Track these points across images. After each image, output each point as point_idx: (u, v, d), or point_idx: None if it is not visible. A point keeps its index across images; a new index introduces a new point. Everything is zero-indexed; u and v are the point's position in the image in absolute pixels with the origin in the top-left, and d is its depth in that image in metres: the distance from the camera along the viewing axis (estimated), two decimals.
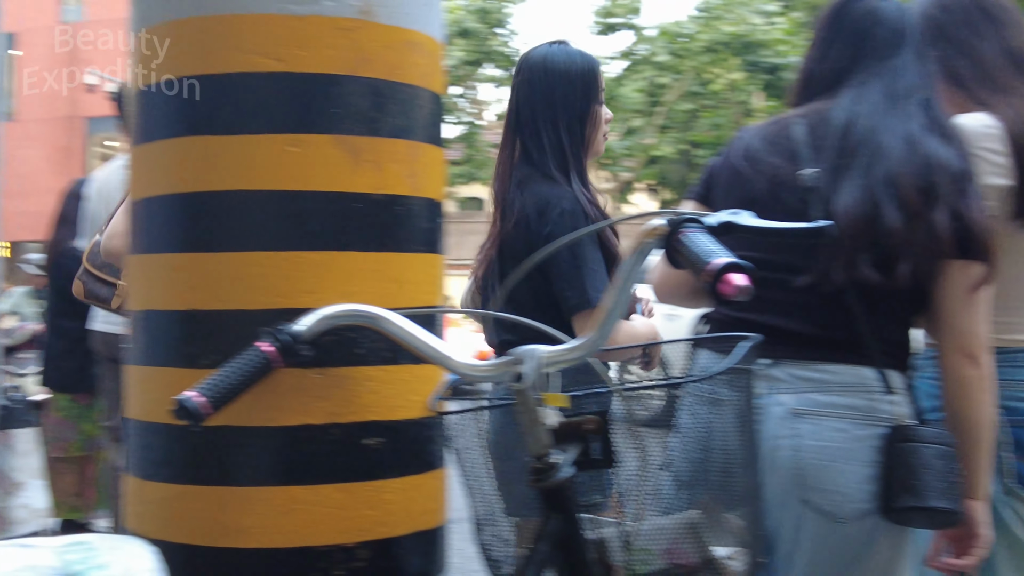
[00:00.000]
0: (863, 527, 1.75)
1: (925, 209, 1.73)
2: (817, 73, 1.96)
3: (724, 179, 1.93)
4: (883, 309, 1.80)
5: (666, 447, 1.57)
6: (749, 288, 1.22)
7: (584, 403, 1.47)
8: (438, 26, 1.79)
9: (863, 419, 1.76)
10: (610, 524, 1.51)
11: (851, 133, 1.80)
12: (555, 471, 1.41)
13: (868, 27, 1.91)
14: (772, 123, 1.93)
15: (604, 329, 1.41)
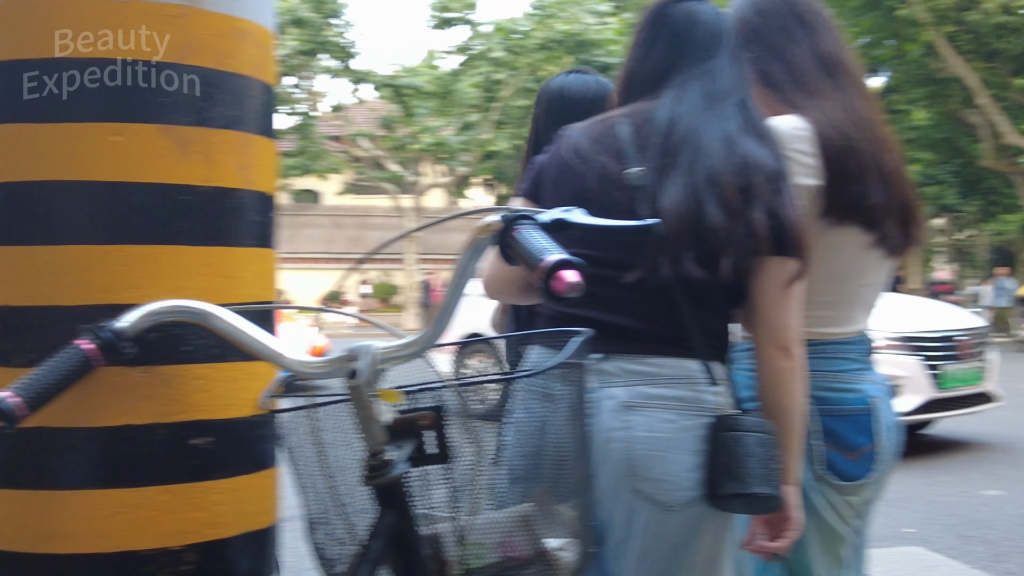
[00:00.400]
0: (690, 514, 1.80)
1: (744, 207, 1.78)
2: (639, 73, 1.99)
3: (552, 176, 1.94)
4: (707, 304, 1.85)
5: (498, 441, 1.58)
6: (581, 284, 1.24)
7: (419, 399, 1.47)
8: (270, 15, 1.75)
9: (690, 410, 1.81)
10: (444, 519, 1.51)
11: (673, 133, 1.84)
12: (390, 468, 1.41)
13: (686, 29, 1.96)
14: (598, 122, 1.96)
15: (439, 324, 1.41)
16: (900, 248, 2.12)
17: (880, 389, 2.14)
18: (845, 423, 2.07)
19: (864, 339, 2.15)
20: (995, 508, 6.18)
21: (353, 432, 1.47)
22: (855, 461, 2.07)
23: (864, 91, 2.14)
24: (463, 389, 1.51)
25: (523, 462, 1.56)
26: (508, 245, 1.33)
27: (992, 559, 5.04)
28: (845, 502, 2.08)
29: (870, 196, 2.02)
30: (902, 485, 6.70)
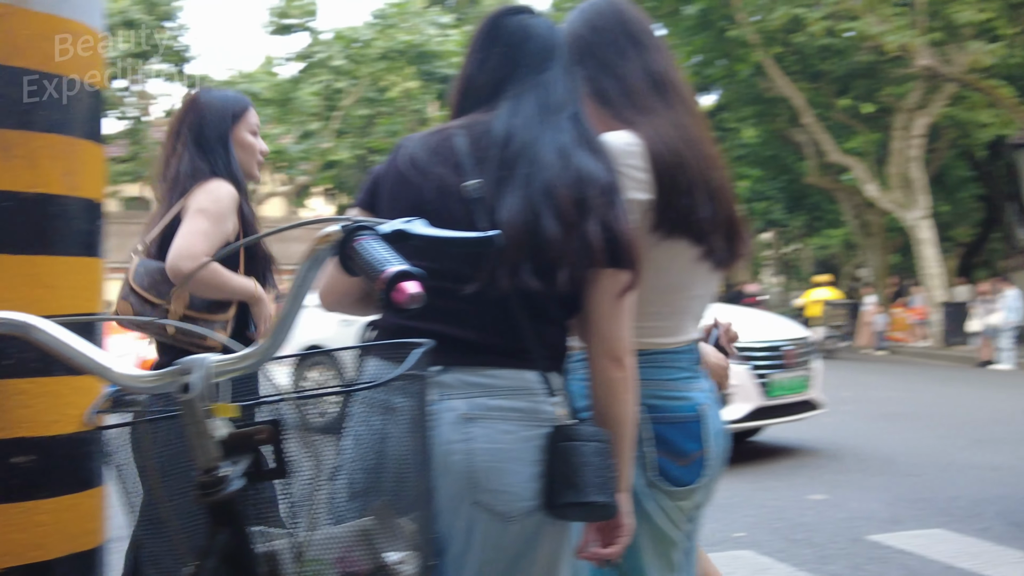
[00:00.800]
0: (529, 524, 1.81)
1: (579, 220, 1.82)
2: (475, 84, 2.01)
3: (389, 187, 1.94)
4: (544, 315, 1.88)
5: (340, 455, 1.56)
6: (421, 296, 1.23)
7: (256, 413, 1.44)
8: (99, 16, 1.69)
9: (529, 421, 1.83)
10: (281, 536, 1.48)
11: (510, 145, 1.87)
12: (223, 484, 1.37)
13: (520, 42, 1.99)
14: (434, 133, 1.96)
15: (277, 337, 1.38)
16: (726, 261, 2.19)
17: (708, 397, 2.20)
18: (676, 430, 2.12)
19: (693, 348, 2.21)
20: (821, 512, 6.41)
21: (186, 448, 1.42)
22: (686, 467, 2.12)
23: (692, 109, 2.21)
24: (302, 402, 1.49)
25: (363, 476, 1.55)
26: (348, 256, 1.31)
27: (818, 561, 5.23)
28: (676, 507, 2.13)
29: (698, 211, 2.08)
30: (732, 491, 6.90)
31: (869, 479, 7.54)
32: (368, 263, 1.28)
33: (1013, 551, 5.38)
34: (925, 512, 6.40)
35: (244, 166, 3.12)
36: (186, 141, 3.02)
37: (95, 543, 1.65)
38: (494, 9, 2.09)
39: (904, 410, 12.21)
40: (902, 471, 7.88)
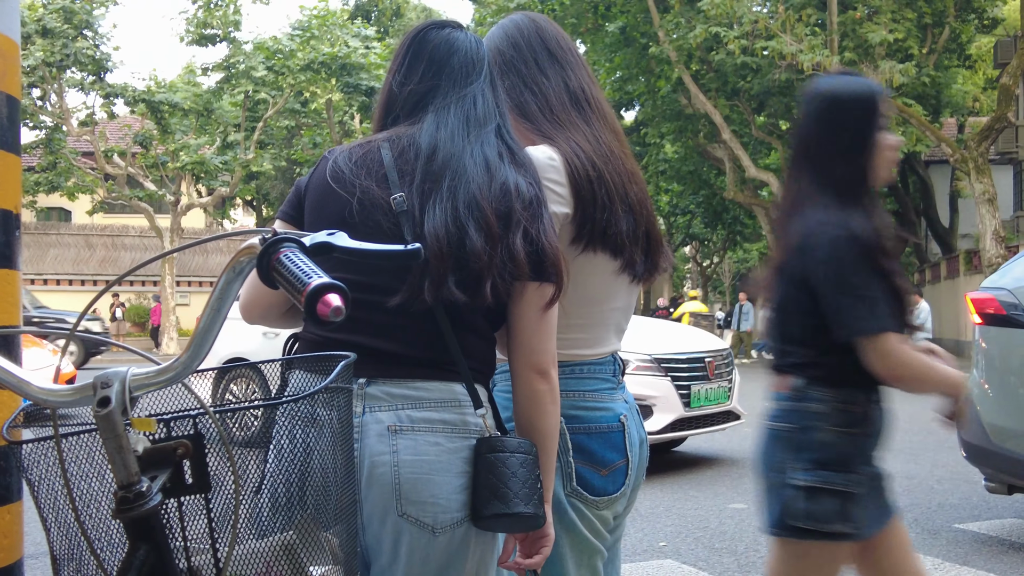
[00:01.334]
0: (456, 536, 1.81)
1: (503, 233, 1.83)
2: (400, 97, 2.01)
3: (314, 199, 1.93)
4: (470, 327, 1.88)
5: (263, 468, 1.54)
6: (343, 310, 1.23)
7: (176, 427, 1.42)
8: (14, 24, 1.65)
9: (455, 432, 1.83)
10: (203, 552, 1.46)
11: (435, 158, 1.87)
12: (142, 500, 1.34)
13: (445, 56, 2.00)
14: (360, 145, 1.96)
15: (197, 350, 1.36)
16: (645, 274, 2.22)
17: (629, 407, 2.22)
18: (598, 440, 2.13)
19: (615, 360, 2.23)
20: (741, 521, 6.50)
21: (104, 463, 1.40)
22: (607, 477, 2.14)
23: (611, 125, 2.23)
24: (223, 416, 1.47)
25: (286, 489, 1.53)
26: (271, 268, 1.30)
27: (739, 570, 5.30)
28: (598, 516, 2.14)
29: (616, 224, 2.10)
30: (655, 500, 6.96)
31: None
32: (290, 276, 1.27)
33: (928, 558, 5.49)
34: None
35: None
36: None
37: (11, 559, 1.60)
38: (419, 23, 2.10)
39: None
40: None
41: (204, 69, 33.01)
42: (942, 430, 3.14)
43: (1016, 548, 5.73)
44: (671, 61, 26.28)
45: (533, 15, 2.29)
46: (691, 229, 43.71)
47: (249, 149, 30.57)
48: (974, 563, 5.37)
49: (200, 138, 31.44)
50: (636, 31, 28.08)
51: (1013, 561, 5.41)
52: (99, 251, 38.83)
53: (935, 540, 5.92)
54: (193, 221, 37.44)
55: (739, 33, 22.87)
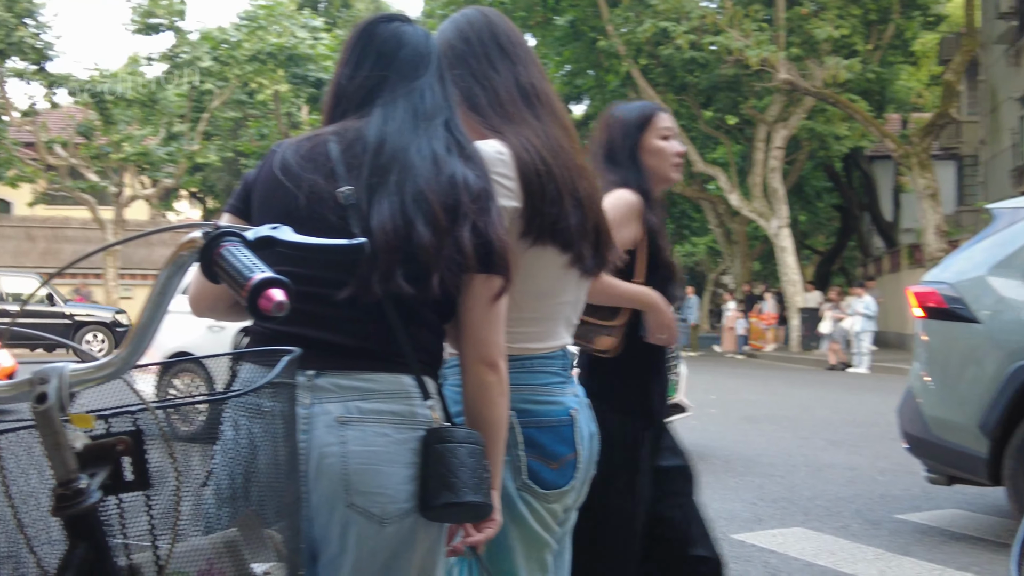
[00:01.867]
0: (405, 526, 1.81)
1: (451, 226, 1.83)
2: (348, 90, 2.00)
3: (261, 193, 1.92)
4: (418, 319, 1.88)
5: (207, 464, 1.52)
6: (287, 304, 1.22)
7: (116, 423, 1.40)
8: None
9: (404, 423, 1.82)
10: (143, 549, 1.44)
11: (383, 151, 1.87)
12: (81, 497, 1.32)
13: (394, 49, 1.99)
14: (308, 139, 1.95)
15: (137, 345, 1.35)
16: (595, 268, 2.23)
17: (579, 401, 2.23)
18: (548, 434, 2.15)
19: (565, 354, 2.24)
20: None
21: (42, 460, 1.38)
22: (557, 470, 2.15)
23: (561, 120, 2.24)
24: (164, 411, 1.45)
25: (229, 485, 1.52)
26: (213, 262, 1.29)
27: None
28: (548, 509, 2.15)
29: (565, 218, 2.11)
30: None
31: (732, 480, 7.74)
32: (233, 270, 1.25)
33: (869, 548, 5.58)
34: (786, 511, 6.60)
35: (658, 172, 3.15)
36: (599, 160, 3.13)
37: None
38: (368, 16, 2.09)
39: (765, 413, 12.57)
40: (764, 472, 8.11)
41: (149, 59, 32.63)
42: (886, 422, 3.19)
43: (956, 538, 5.84)
44: (620, 55, 26.40)
45: (485, 10, 2.29)
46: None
47: (194, 140, 30.28)
48: (915, 553, 5.47)
49: (144, 129, 31.05)
50: (585, 25, 28.17)
51: (953, 551, 5.51)
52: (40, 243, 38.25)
53: (877, 531, 6.02)
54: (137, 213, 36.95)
55: (687, 28, 23.05)
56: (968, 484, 5.99)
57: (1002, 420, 5.48)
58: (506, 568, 2.13)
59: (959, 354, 5.84)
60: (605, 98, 30.18)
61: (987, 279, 5.74)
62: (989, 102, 31.19)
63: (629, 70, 26.66)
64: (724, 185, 27.58)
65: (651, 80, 27.39)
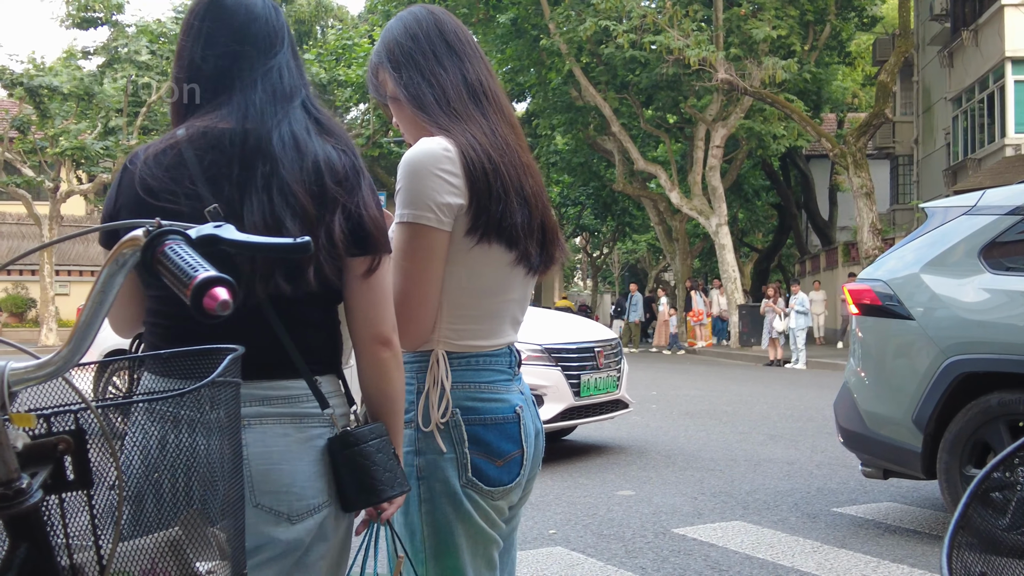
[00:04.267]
0: (315, 520, 1.82)
1: (321, 215, 1.82)
2: (203, 71, 1.91)
3: (132, 212, 1.80)
4: (303, 321, 1.87)
5: (148, 464, 1.51)
6: (231, 303, 1.21)
7: (57, 422, 1.38)
8: None
9: (303, 424, 1.84)
10: (86, 549, 1.43)
11: (246, 146, 1.82)
12: (22, 497, 1.31)
13: (245, 23, 1.92)
14: (165, 150, 1.84)
15: (79, 344, 1.33)
16: (541, 266, 2.24)
17: (525, 399, 2.24)
18: (493, 431, 2.15)
19: (510, 351, 2.25)
20: (628, 507, 6.60)
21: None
22: (503, 467, 2.16)
23: (508, 118, 2.24)
24: (106, 410, 1.43)
25: (171, 485, 1.50)
26: (155, 260, 1.27)
27: (627, 555, 5.38)
28: (494, 507, 2.16)
29: (512, 216, 2.12)
30: (545, 489, 7.02)
31: (674, 474, 7.80)
32: (176, 268, 1.24)
33: (807, 541, 5.66)
34: (726, 505, 6.66)
35: None
36: None
37: None
38: None
39: (706, 408, 12.69)
40: (704, 466, 8.18)
41: (85, 53, 32.16)
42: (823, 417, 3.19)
43: (892, 531, 5.94)
44: (562, 53, 26.48)
45: (432, 7, 2.28)
46: (581, 220, 44.14)
47: (132, 135, 29.81)
48: (852, 546, 5.55)
49: (81, 123, 30.60)
50: (527, 23, 28.21)
51: (889, 544, 5.61)
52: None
53: (814, 524, 6.10)
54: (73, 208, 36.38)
55: (628, 27, 23.19)
56: (903, 478, 6.08)
57: (935, 415, 5.58)
58: (452, 565, 2.14)
59: (893, 350, 5.94)
60: (547, 96, 30.29)
61: (920, 276, 5.83)
62: (923, 103, 31.77)
63: (571, 68, 26.75)
64: (665, 183, 27.78)
65: (592, 79, 27.51)
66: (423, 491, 2.12)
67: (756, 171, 36.15)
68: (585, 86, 26.93)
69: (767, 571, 5.05)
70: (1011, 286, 5.50)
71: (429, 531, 2.13)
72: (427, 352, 2.14)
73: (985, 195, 5.91)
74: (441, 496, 2.12)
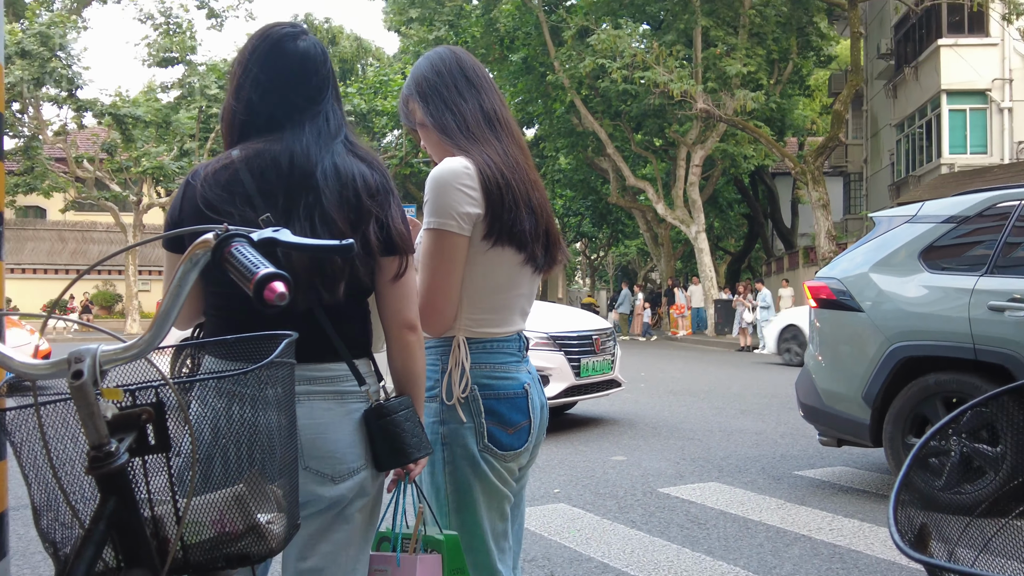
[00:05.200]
0: (356, 481, 1.84)
1: (356, 226, 1.82)
2: (259, 110, 1.89)
3: (192, 223, 1.79)
4: (344, 316, 1.87)
5: (216, 432, 1.52)
6: (287, 295, 1.22)
7: (140, 396, 1.39)
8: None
9: (344, 400, 1.84)
10: (164, 503, 1.44)
11: (293, 176, 1.82)
12: (111, 459, 1.32)
13: (300, 75, 1.90)
14: (221, 169, 1.84)
15: (158, 330, 1.34)
16: (545, 266, 2.25)
17: (532, 377, 2.25)
18: (505, 404, 2.15)
19: (520, 338, 2.25)
20: (621, 470, 6.58)
21: (77, 427, 1.37)
22: (513, 435, 2.16)
23: (518, 141, 2.24)
24: (182, 386, 1.44)
25: (236, 449, 1.51)
26: (223, 259, 1.28)
27: (619, 511, 5.37)
28: (506, 468, 2.17)
29: (521, 223, 2.12)
30: (550, 455, 7.01)
31: (659, 443, 7.77)
32: (241, 266, 1.25)
33: (772, 499, 5.64)
34: (703, 469, 6.64)
35: None
36: None
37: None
38: (274, 30, 1.93)
39: (686, 387, 12.65)
40: (685, 436, 8.15)
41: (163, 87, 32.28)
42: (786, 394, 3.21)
43: (844, 490, 5.92)
44: (565, 87, 26.45)
45: (454, 48, 2.29)
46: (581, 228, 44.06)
47: (203, 156, 29.94)
48: (810, 503, 5.53)
49: (159, 146, 30.77)
50: (535, 61, 28.17)
51: (842, 501, 5.59)
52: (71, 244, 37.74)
53: (779, 485, 6.09)
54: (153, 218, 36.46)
55: (621, 65, 23.09)
56: (854, 445, 6.06)
57: (882, 392, 5.57)
58: (472, 517, 2.15)
59: (846, 337, 5.92)
60: (552, 123, 30.25)
61: (869, 275, 5.81)
62: (871, 128, 31.63)
63: (572, 99, 26.70)
64: (652, 196, 27.69)
65: (591, 108, 27.45)
66: (447, 455, 2.13)
67: (729, 186, 36.00)
68: (584, 114, 26.87)
69: (738, 524, 5.04)
70: (946, 283, 5.48)
71: (452, 489, 2.14)
72: (450, 338, 2.14)
73: (924, 206, 5.89)
74: (462, 459, 2.13)
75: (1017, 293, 5.17)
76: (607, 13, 26.19)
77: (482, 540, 2.16)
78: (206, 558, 1.46)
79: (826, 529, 4.91)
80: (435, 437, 2.13)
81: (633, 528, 4.97)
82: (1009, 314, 5.15)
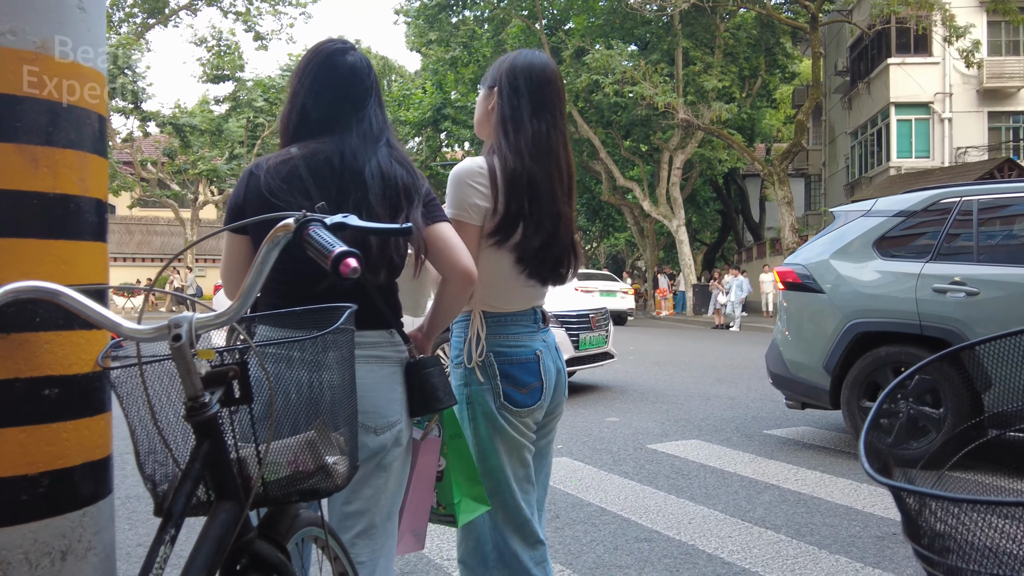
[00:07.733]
0: (393, 432, 1.86)
1: (396, 218, 1.83)
2: (312, 116, 1.90)
3: (254, 213, 1.78)
4: (387, 289, 1.90)
5: (291, 387, 1.55)
6: (359, 269, 1.25)
7: (228, 356, 1.43)
8: (102, 62, 1.63)
9: (386, 362, 1.86)
10: (248, 445, 1.47)
11: (343, 174, 1.83)
12: (205, 409, 1.36)
13: (348, 84, 1.91)
14: (282, 162, 1.84)
15: (244, 301, 1.37)
16: (550, 282, 2.24)
17: (547, 345, 2.25)
18: (518, 368, 2.16)
19: (535, 312, 2.24)
20: (614, 430, 6.60)
21: (172, 383, 1.41)
22: (526, 394, 2.17)
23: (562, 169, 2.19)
24: (263, 349, 1.48)
25: (307, 402, 1.55)
26: (303, 240, 1.32)
27: (614, 464, 5.40)
28: (521, 422, 2.18)
29: (528, 240, 2.11)
30: None
31: (647, 406, 7.80)
32: (319, 245, 1.29)
33: (746, 454, 5.67)
34: (685, 428, 6.66)
35: None
36: None
37: (104, 454, 1.59)
38: (326, 45, 1.95)
39: (669, 359, 12.66)
40: (669, 400, 8.18)
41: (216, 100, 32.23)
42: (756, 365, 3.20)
43: (807, 447, 5.94)
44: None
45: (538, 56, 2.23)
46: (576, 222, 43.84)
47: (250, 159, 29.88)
48: (779, 458, 5.56)
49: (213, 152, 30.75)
50: None
51: (806, 456, 5.62)
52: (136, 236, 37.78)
53: (751, 442, 6.11)
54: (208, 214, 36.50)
55: (612, 80, 22.99)
56: (816, 408, 6.08)
57: (840, 362, 5.60)
58: (495, 463, 2.16)
59: (809, 315, 5.94)
60: None
61: (830, 262, 5.83)
62: (829, 135, 31.46)
63: (570, 111, 26.61)
64: (639, 195, 27.62)
65: (586, 118, 27.35)
66: (470, 412, 2.15)
67: (706, 186, 35.85)
68: (580, 124, 26.77)
69: (716, 475, 5.07)
70: (896, 269, 5.49)
71: (475, 440, 2.16)
72: (470, 312, 2.16)
73: (877, 202, 5.89)
74: (483, 415, 2.14)
75: (957, 276, 5.19)
76: (600, 36, 26.08)
77: (506, 483, 2.18)
78: (283, 493, 1.49)
79: (792, 479, 4.94)
80: (461, 397, 2.15)
81: (626, 478, 5.00)
82: (950, 295, 5.18)
